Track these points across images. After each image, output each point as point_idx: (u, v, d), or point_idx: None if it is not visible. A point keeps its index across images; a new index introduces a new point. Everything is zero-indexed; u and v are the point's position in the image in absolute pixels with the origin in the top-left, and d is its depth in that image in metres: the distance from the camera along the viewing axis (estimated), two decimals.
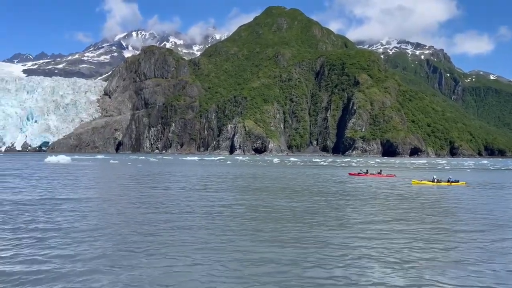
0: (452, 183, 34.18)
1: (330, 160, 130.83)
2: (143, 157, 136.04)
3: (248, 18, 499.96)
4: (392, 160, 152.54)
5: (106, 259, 9.62)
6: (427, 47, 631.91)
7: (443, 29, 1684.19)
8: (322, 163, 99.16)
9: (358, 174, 46.18)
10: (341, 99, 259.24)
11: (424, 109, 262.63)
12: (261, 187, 29.68)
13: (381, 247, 11.27)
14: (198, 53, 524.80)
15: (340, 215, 16.79)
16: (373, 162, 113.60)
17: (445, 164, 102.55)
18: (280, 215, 16.30)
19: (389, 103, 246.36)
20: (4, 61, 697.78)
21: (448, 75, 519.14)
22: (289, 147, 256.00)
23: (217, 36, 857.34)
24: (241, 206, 18.84)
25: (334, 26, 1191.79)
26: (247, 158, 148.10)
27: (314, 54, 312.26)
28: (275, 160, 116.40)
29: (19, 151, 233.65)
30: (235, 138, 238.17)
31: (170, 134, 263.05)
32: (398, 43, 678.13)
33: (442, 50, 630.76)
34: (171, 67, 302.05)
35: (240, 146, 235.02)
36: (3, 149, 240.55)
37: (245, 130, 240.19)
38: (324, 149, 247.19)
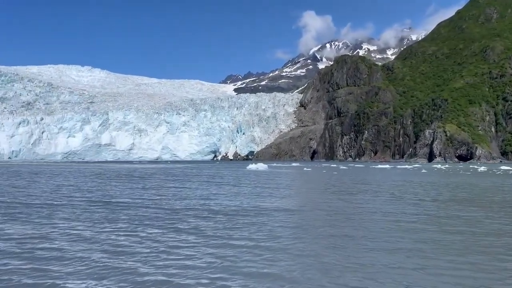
0: None
1: None
2: (335, 165, 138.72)
3: (448, 13, 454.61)
4: None
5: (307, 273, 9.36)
6: None
7: None
8: None
9: None
10: None
11: None
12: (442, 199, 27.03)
13: None
14: (393, 57, 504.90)
15: None
16: None
17: None
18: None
19: None
20: (220, 82, 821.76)
21: None
22: (503, 154, 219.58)
23: (413, 37, 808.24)
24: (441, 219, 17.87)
25: None
26: (446, 166, 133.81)
27: None
28: (481, 168, 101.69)
29: (231, 159, 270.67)
30: (434, 145, 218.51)
31: (363, 142, 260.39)
32: None
33: None
34: (363, 74, 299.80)
35: (440, 153, 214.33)
36: (219, 157, 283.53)
37: (446, 135, 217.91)
38: None
